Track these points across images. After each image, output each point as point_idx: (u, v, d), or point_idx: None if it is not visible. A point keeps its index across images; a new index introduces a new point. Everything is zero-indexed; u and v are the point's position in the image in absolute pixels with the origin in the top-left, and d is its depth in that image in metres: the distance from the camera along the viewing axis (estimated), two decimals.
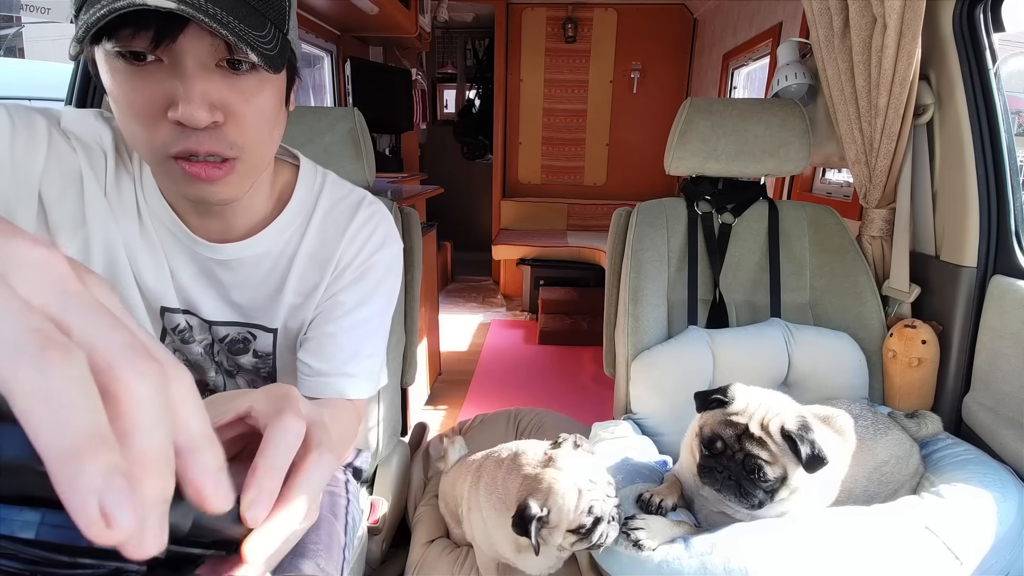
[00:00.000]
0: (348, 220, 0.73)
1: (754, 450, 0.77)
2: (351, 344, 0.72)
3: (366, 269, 0.74)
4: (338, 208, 0.74)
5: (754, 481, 0.77)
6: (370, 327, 0.75)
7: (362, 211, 0.74)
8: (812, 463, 0.73)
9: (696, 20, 3.86)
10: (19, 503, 0.31)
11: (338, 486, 0.90)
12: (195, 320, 0.73)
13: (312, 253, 0.72)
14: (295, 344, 0.75)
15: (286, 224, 0.71)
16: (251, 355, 0.76)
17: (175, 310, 0.71)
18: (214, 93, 0.52)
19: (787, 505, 0.79)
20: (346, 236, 0.72)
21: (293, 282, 0.72)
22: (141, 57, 0.50)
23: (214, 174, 0.56)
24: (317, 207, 0.73)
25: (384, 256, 0.75)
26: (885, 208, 1.27)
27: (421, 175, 4.08)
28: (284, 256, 0.72)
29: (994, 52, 1.11)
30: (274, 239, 0.70)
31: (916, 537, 0.75)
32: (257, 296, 0.72)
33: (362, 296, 0.73)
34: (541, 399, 1.76)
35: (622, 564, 0.79)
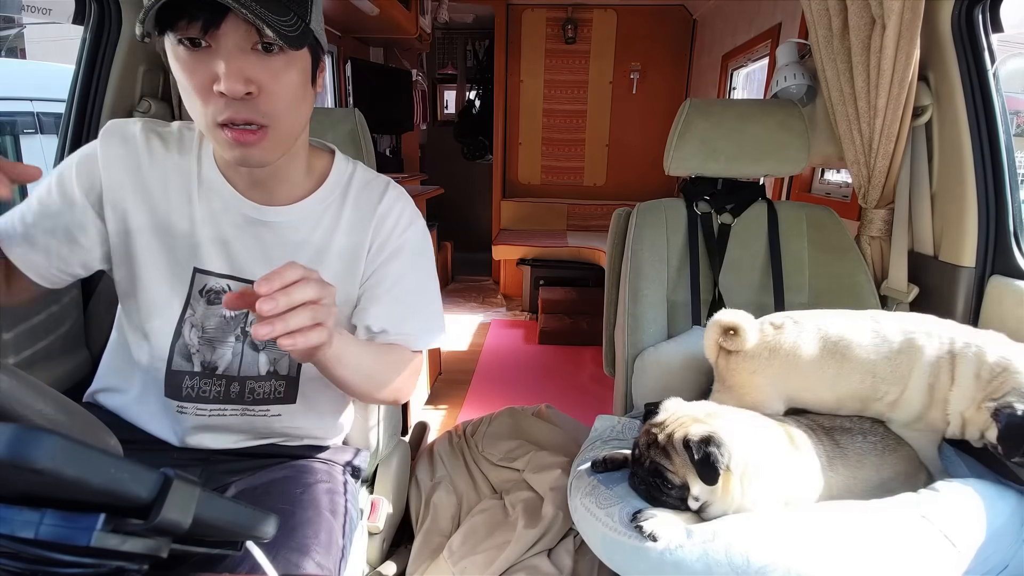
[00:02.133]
0: (379, 198, 0.86)
1: (657, 458, 0.82)
2: (402, 309, 0.86)
3: (401, 244, 0.86)
4: (370, 187, 0.87)
5: (659, 487, 0.82)
6: (418, 292, 0.88)
7: (390, 192, 0.88)
8: (704, 472, 0.77)
9: (695, 21, 3.87)
10: (19, 503, 0.31)
11: (336, 484, 0.90)
12: (238, 285, 0.81)
13: (350, 224, 0.84)
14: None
15: (324, 196, 0.83)
16: None
17: (213, 273, 0.81)
18: (249, 70, 0.64)
19: (716, 510, 0.80)
20: (378, 212, 0.85)
21: (336, 249, 0.83)
22: (197, 43, 0.64)
23: (249, 139, 0.68)
24: (351, 185, 0.86)
25: (416, 231, 0.88)
26: (884, 208, 1.27)
27: (421, 175, 4.09)
28: (323, 225, 0.83)
29: (993, 53, 1.11)
30: (314, 207, 0.82)
31: (913, 525, 0.75)
32: (297, 258, 0.71)
33: (403, 268, 0.86)
34: (541, 399, 1.76)
35: (625, 554, 0.79)
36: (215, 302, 0.82)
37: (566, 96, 4.12)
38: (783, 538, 0.74)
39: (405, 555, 1.19)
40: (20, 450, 0.28)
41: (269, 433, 0.89)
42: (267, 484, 0.85)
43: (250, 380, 0.84)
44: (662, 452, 0.81)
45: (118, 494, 0.32)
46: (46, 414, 0.38)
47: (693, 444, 0.78)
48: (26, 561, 0.32)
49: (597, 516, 0.85)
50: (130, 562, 0.34)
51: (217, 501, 0.38)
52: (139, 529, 0.33)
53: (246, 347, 0.83)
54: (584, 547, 1.10)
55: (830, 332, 0.94)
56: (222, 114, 0.66)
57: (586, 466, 0.95)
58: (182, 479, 0.35)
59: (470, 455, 1.44)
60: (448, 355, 2.86)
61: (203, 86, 0.65)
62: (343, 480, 0.93)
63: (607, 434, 1.08)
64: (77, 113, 1.20)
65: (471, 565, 1.10)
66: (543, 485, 1.27)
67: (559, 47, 4.01)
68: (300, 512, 0.80)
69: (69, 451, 0.30)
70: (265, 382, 0.85)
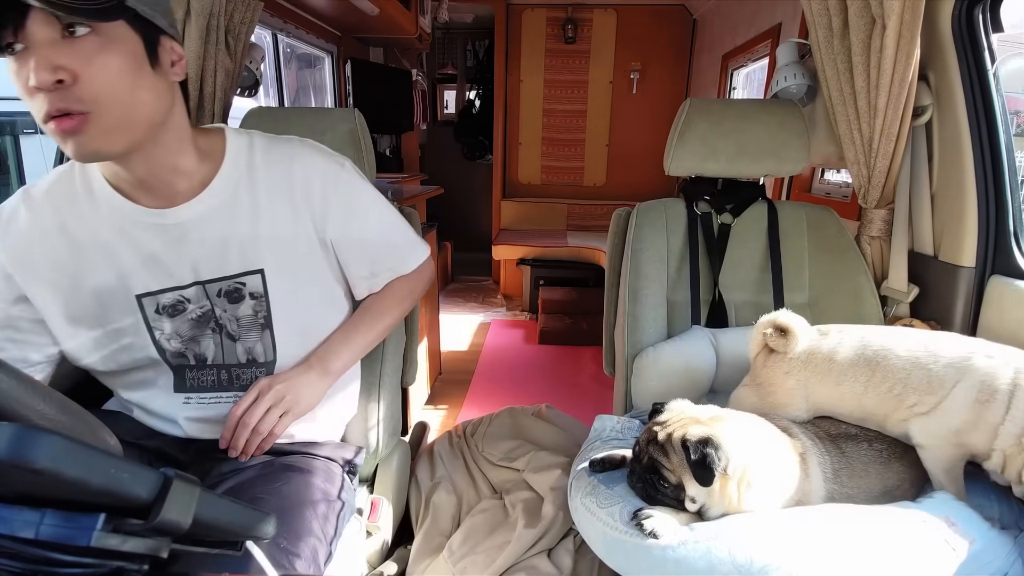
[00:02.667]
0: (289, 159, 0.85)
1: (656, 455, 0.82)
2: (380, 250, 0.93)
3: (342, 195, 0.87)
4: (274, 153, 0.85)
5: (655, 485, 0.82)
6: (383, 227, 0.93)
7: (298, 149, 0.87)
8: (699, 472, 0.77)
9: (696, 21, 3.87)
10: (19, 503, 0.31)
11: (333, 480, 0.91)
12: (188, 291, 0.82)
13: (270, 199, 0.83)
14: (294, 280, 0.86)
15: (227, 179, 0.81)
16: (248, 299, 0.85)
17: (155, 292, 0.81)
18: (56, 58, 0.62)
19: (715, 514, 0.80)
20: (297, 176, 0.84)
21: (265, 234, 0.83)
22: (13, 49, 0.63)
23: (68, 126, 0.65)
24: (254, 159, 0.84)
25: (345, 173, 0.89)
26: (884, 208, 1.27)
27: (421, 175, 4.09)
28: (240, 213, 0.82)
29: (993, 53, 1.11)
30: (221, 193, 0.81)
31: (914, 529, 0.75)
32: (229, 246, 0.82)
33: (358, 216, 0.89)
34: (541, 399, 1.76)
35: (626, 552, 0.79)
36: (176, 313, 0.83)
37: (566, 96, 4.12)
38: (786, 538, 0.74)
39: (405, 555, 1.18)
40: (20, 450, 0.28)
41: None
42: (260, 478, 0.85)
43: (234, 368, 0.88)
44: (660, 450, 0.82)
45: (118, 494, 0.32)
46: (46, 414, 0.38)
47: (691, 444, 0.78)
48: (26, 561, 0.32)
49: (597, 515, 0.85)
50: (130, 562, 0.34)
51: (217, 501, 0.38)
52: (139, 529, 0.33)
53: (224, 338, 0.86)
54: (584, 547, 1.10)
55: (872, 342, 0.91)
56: (42, 109, 0.64)
57: (585, 466, 0.95)
58: (182, 479, 0.35)
59: (470, 455, 1.44)
60: (448, 355, 2.86)
61: (25, 88, 0.64)
62: (340, 476, 0.93)
63: (606, 434, 1.08)
64: None
65: (471, 565, 1.10)
66: (543, 485, 1.27)
67: (559, 47, 4.01)
68: (291, 508, 0.81)
69: (69, 451, 0.30)
70: (247, 369, 0.88)
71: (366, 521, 1.04)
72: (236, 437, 0.81)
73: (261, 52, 1.58)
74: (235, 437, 0.81)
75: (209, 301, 0.84)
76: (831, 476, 0.86)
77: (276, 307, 0.86)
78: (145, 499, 0.33)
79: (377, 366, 1.10)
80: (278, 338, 0.87)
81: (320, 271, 0.90)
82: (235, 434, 0.81)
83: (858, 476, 0.87)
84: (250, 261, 0.83)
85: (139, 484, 0.33)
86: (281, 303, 0.86)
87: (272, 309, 0.86)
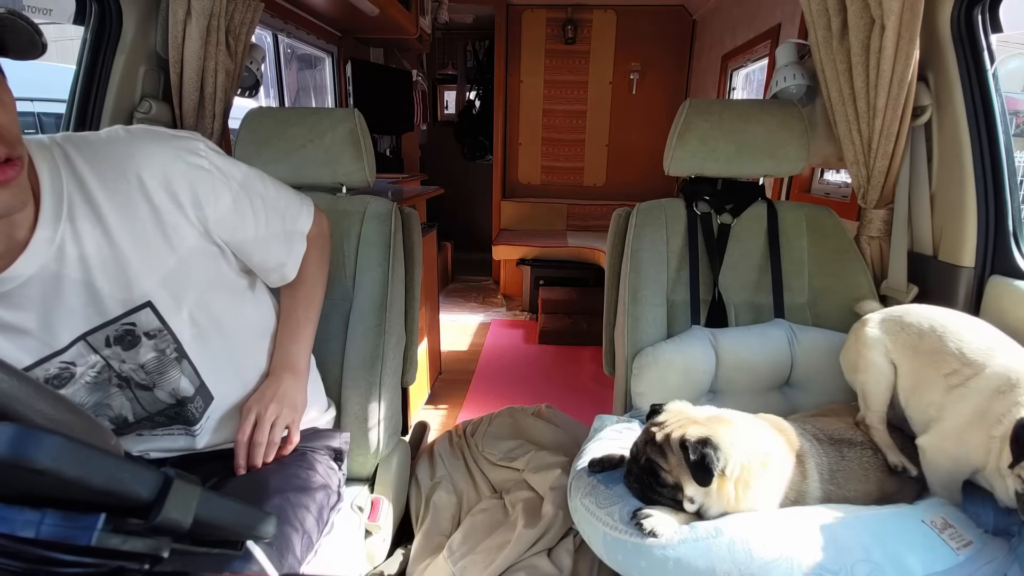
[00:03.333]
0: (126, 158, 0.68)
1: (653, 455, 0.82)
2: (268, 243, 0.85)
3: (205, 188, 0.73)
4: (100, 154, 0.68)
5: (652, 486, 0.82)
6: (266, 216, 0.83)
7: (130, 141, 0.70)
8: (698, 472, 0.77)
9: (695, 21, 3.87)
10: (20, 503, 0.31)
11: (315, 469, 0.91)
12: (68, 354, 0.70)
13: (115, 206, 0.67)
14: (191, 299, 0.75)
15: (52, 211, 0.64)
16: (144, 341, 0.73)
17: (32, 366, 0.68)
18: None
19: (713, 514, 0.81)
20: (142, 172, 0.68)
21: (128, 244, 0.68)
22: None
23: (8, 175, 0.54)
24: (77, 173, 0.66)
25: (200, 160, 0.73)
26: (883, 208, 1.27)
27: (421, 176, 4.09)
28: (86, 238, 0.66)
29: (992, 53, 1.11)
30: (52, 230, 0.64)
31: (913, 527, 0.75)
32: (96, 288, 0.68)
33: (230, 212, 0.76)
34: (541, 398, 1.76)
35: (626, 552, 0.79)
36: (63, 384, 0.71)
37: (566, 96, 4.12)
38: (786, 537, 0.74)
39: (405, 554, 1.19)
40: (21, 450, 0.29)
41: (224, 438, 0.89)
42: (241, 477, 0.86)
43: (165, 411, 0.82)
44: (658, 450, 0.82)
45: (119, 494, 0.32)
46: (47, 414, 0.38)
47: (689, 445, 0.78)
48: (27, 561, 0.32)
49: (597, 516, 0.85)
50: (131, 562, 0.34)
51: (217, 501, 0.38)
52: (140, 529, 0.33)
53: (136, 391, 0.78)
54: (584, 546, 1.10)
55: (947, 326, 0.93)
56: None
57: (584, 466, 0.95)
58: (182, 479, 0.35)
59: (470, 455, 1.45)
60: (448, 355, 2.86)
61: None
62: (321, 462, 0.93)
63: (606, 434, 1.08)
64: (78, 114, 1.20)
65: (471, 564, 1.10)
66: (543, 485, 1.27)
67: (559, 47, 4.01)
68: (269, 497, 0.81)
69: (70, 451, 0.30)
70: (181, 408, 0.82)
71: (366, 521, 1.04)
72: (252, 456, 0.84)
73: (261, 52, 1.58)
74: (251, 457, 0.84)
75: (99, 355, 0.72)
76: (827, 477, 0.86)
77: (184, 335, 0.76)
78: (146, 499, 0.33)
79: (377, 366, 1.10)
80: (199, 365, 0.80)
81: (219, 276, 0.80)
82: (251, 454, 0.85)
83: (857, 480, 0.88)
84: (131, 298, 0.70)
85: (140, 484, 0.33)
86: (188, 329, 0.76)
87: (180, 339, 0.76)
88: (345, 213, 1.19)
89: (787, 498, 0.83)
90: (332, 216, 1.19)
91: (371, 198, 1.21)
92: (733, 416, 0.88)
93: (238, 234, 0.79)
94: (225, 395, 0.87)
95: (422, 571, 1.13)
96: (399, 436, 1.26)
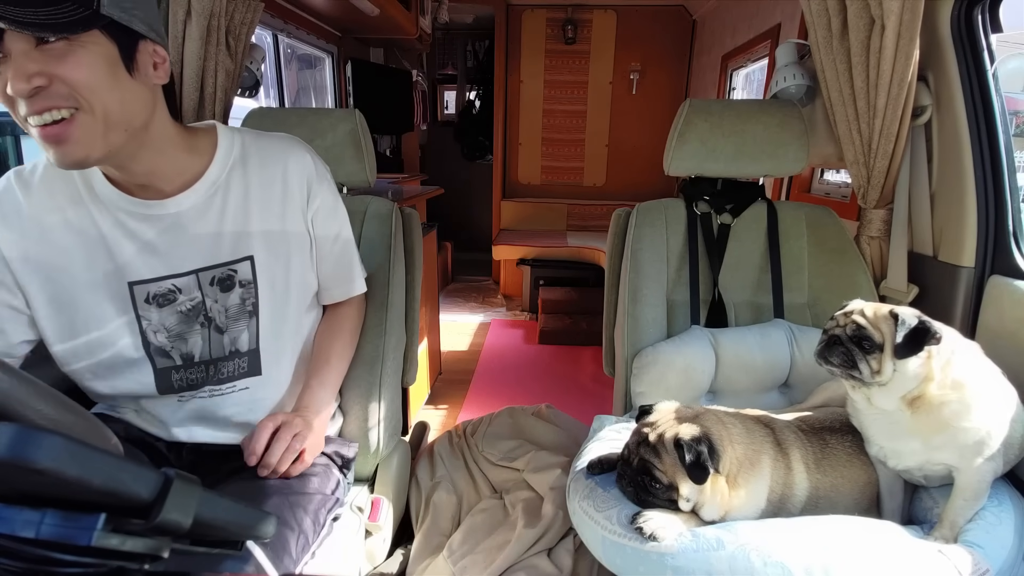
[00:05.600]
0: (285, 153, 0.90)
1: (647, 456, 0.82)
2: (342, 256, 0.99)
3: (322, 193, 0.93)
4: (268, 146, 0.90)
5: (647, 487, 0.82)
6: (348, 238, 1.00)
7: (292, 147, 0.92)
8: (694, 470, 0.77)
9: (695, 21, 3.87)
10: (20, 502, 0.31)
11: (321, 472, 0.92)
12: (182, 280, 0.84)
13: (262, 184, 0.87)
14: (279, 267, 0.90)
15: (219, 169, 0.85)
16: (237, 287, 0.87)
17: (148, 280, 0.83)
18: (31, 66, 0.64)
19: (708, 511, 0.81)
20: (290, 166, 0.89)
21: (256, 212, 0.86)
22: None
23: (52, 132, 0.66)
24: (245, 150, 0.88)
25: (327, 178, 0.96)
26: (883, 208, 1.27)
27: (421, 176, 4.09)
28: (231, 194, 0.85)
29: (992, 53, 1.11)
30: (214, 182, 0.84)
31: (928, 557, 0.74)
32: (220, 235, 0.85)
33: (329, 216, 0.95)
34: (541, 398, 1.76)
35: (625, 556, 0.79)
36: (166, 303, 0.84)
37: (566, 96, 4.12)
38: (791, 551, 0.73)
39: (405, 555, 1.19)
40: (21, 450, 0.28)
41: (246, 423, 0.91)
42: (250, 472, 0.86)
43: (220, 361, 0.88)
44: (652, 451, 0.82)
45: (119, 494, 0.32)
46: (47, 414, 0.38)
47: (684, 444, 0.78)
48: (27, 561, 0.32)
49: (596, 519, 0.85)
50: (131, 562, 0.34)
51: (217, 501, 0.38)
52: (140, 529, 0.33)
53: (212, 332, 0.87)
54: (584, 547, 1.10)
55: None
56: (25, 111, 0.66)
57: (583, 468, 0.95)
58: (183, 479, 0.35)
59: (470, 455, 1.44)
60: (448, 355, 2.86)
61: (5, 95, 0.66)
62: (330, 469, 0.95)
63: (605, 434, 1.08)
64: None
65: (471, 564, 1.10)
66: (543, 485, 1.27)
67: (559, 47, 4.01)
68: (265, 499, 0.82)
69: (70, 451, 0.30)
70: (229, 361, 0.89)
71: (366, 521, 1.04)
72: (270, 453, 0.84)
73: (262, 53, 1.58)
74: (269, 452, 0.84)
75: (200, 292, 0.86)
76: (814, 467, 0.87)
77: (263, 294, 0.89)
78: (146, 499, 0.33)
79: (377, 366, 1.10)
80: (262, 327, 0.90)
81: (303, 262, 0.93)
82: (270, 448, 0.84)
83: (843, 466, 0.89)
84: (240, 249, 0.86)
85: (140, 484, 0.33)
86: (268, 291, 0.89)
87: (260, 296, 0.89)
88: None
89: (774, 491, 0.84)
90: None
91: (371, 198, 1.21)
92: (722, 413, 0.88)
93: (325, 230, 0.95)
94: (265, 378, 0.91)
95: (422, 571, 1.13)
96: (399, 436, 1.26)
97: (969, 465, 0.80)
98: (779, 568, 0.72)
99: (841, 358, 0.82)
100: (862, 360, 0.80)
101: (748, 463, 0.82)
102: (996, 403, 0.81)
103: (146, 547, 0.34)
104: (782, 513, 0.84)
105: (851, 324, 0.82)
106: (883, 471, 0.88)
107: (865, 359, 0.80)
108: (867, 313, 0.82)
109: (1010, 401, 0.83)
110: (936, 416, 0.79)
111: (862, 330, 0.80)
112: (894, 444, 0.84)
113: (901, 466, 0.85)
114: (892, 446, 0.84)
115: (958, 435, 0.79)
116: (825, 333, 0.86)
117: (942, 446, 0.80)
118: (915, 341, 0.76)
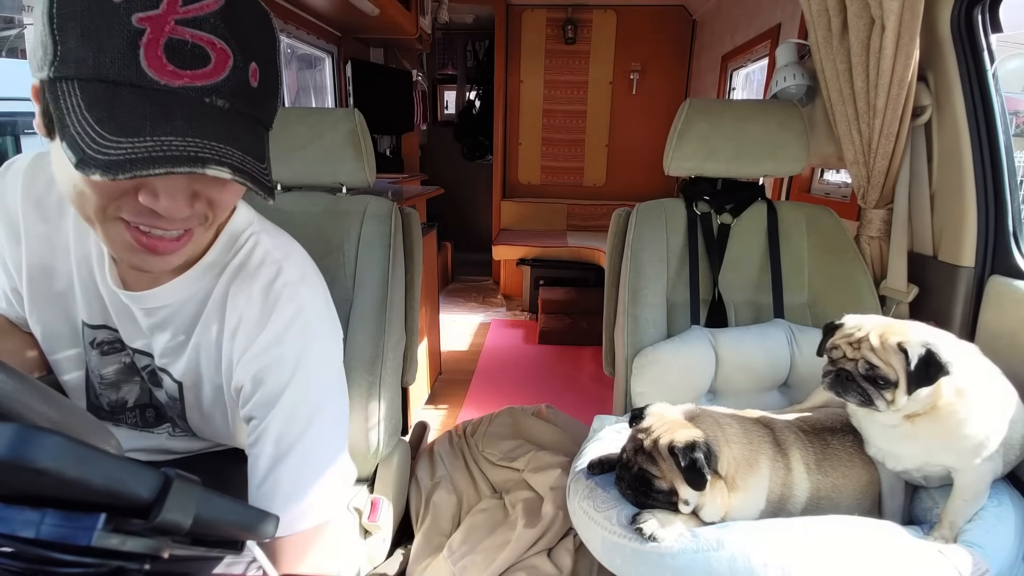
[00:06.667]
0: (287, 324, 0.65)
1: (644, 464, 0.82)
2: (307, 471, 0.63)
3: (276, 358, 0.64)
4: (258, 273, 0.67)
5: (647, 492, 0.82)
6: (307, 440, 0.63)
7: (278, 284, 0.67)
8: (691, 478, 0.77)
9: (695, 21, 3.87)
10: (20, 502, 0.31)
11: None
12: (117, 336, 0.74)
13: (214, 308, 0.68)
14: (205, 402, 0.74)
15: (195, 276, 0.67)
16: (164, 391, 0.76)
17: (95, 327, 0.73)
18: (195, 186, 0.54)
19: (709, 512, 0.81)
20: (286, 342, 0.64)
21: (197, 335, 0.69)
22: None
23: (170, 247, 0.56)
24: (231, 262, 0.68)
25: (295, 345, 0.65)
26: (883, 208, 1.27)
27: (421, 176, 4.09)
28: (190, 305, 0.68)
29: (992, 53, 1.11)
30: (186, 287, 0.67)
31: (927, 558, 0.74)
32: (163, 340, 0.71)
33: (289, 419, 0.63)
34: (541, 398, 1.76)
35: (625, 557, 0.79)
36: (108, 352, 0.75)
37: (566, 96, 4.12)
38: (790, 554, 0.73)
39: (405, 555, 1.19)
40: (22, 450, 0.29)
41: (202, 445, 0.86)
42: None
43: (155, 407, 0.80)
44: (648, 458, 0.82)
45: (119, 494, 0.32)
46: (47, 415, 0.38)
47: (679, 450, 0.78)
48: (27, 561, 0.32)
49: (596, 520, 0.85)
50: (131, 562, 0.34)
51: (218, 501, 0.38)
52: (140, 529, 0.33)
53: (151, 386, 0.78)
54: (584, 547, 1.10)
55: None
56: (136, 216, 0.52)
57: (583, 468, 0.95)
58: (183, 479, 0.35)
59: (470, 455, 1.45)
60: (448, 355, 2.86)
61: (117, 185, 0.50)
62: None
63: (605, 434, 1.08)
64: None
65: (471, 564, 1.10)
66: (543, 485, 1.27)
67: (559, 47, 4.01)
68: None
69: (70, 451, 0.30)
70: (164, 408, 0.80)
71: (366, 521, 1.04)
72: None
73: None
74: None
75: (131, 358, 0.77)
76: (814, 468, 0.87)
77: (192, 418, 0.78)
78: (146, 499, 0.33)
79: (377, 366, 1.10)
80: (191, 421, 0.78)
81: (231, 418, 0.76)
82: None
83: (844, 467, 0.89)
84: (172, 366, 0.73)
85: (140, 484, 0.33)
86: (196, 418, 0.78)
87: (188, 419, 0.78)
88: (345, 213, 1.19)
89: (773, 492, 0.84)
90: (332, 216, 1.19)
91: (371, 198, 1.21)
92: (717, 413, 0.88)
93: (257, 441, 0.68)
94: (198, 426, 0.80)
95: (422, 571, 1.13)
96: (399, 436, 1.26)
97: (968, 466, 0.80)
98: (779, 569, 0.72)
99: (858, 398, 0.82)
100: (878, 397, 0.81)
101: (746, 464, 0.82)
102: (995, 406, 0.81)
103: (146, 547, 0.34)
104: (783, 513, 0.84)
105: (863, 362, 0.81)
106: (884, 471, 0.89)
107: (880, 395, 0.80)
108: (875, 345, 0.81)
109: (1009, 402, 0.83)
110: (937, 424, 0.79)
111: (875, 369, 0.80)
112: (893, 447, 0.84)
113: (900, 467, 0.86)
114: (891, 449, 0.85)
115: (958, 440, 0.79)
116: (832, 363, 0.86)
117: (942, 449, 0.81)
118: (927, 375, 0.77)
